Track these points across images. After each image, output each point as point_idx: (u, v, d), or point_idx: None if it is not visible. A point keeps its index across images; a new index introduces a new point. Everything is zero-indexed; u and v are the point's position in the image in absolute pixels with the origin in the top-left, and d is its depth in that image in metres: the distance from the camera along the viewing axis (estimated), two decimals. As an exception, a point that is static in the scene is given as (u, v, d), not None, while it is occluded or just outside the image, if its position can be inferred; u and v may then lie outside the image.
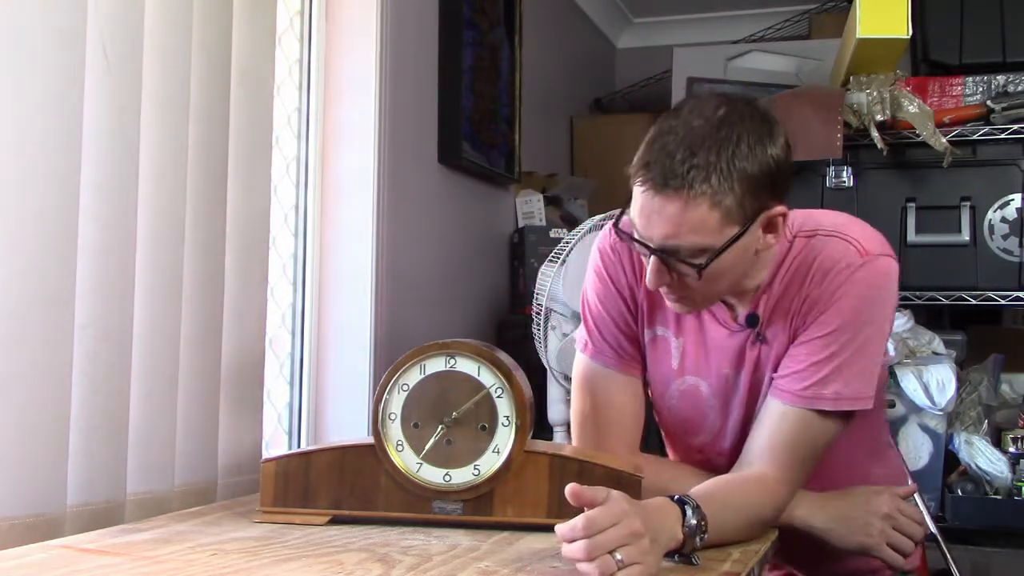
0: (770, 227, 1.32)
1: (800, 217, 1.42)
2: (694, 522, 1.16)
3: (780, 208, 1.31)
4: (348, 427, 2.20)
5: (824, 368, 1.34)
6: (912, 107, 2.44)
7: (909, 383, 2.45)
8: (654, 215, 1.27)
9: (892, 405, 2.38)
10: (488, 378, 1.33)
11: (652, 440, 1.66)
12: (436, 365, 1.35)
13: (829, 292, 1.34)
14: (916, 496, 1.60)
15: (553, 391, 2.34)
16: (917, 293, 2.54)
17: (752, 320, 1.41)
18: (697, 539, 1.16)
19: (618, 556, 1.04)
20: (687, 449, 1.56)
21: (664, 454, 1.64)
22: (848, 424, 1.39)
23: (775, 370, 1.40)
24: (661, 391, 1.52)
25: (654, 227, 1.27)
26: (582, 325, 1.55)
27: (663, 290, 1.35)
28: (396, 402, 1.34)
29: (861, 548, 1.43)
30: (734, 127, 1.26)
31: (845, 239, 1.37)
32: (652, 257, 1.29)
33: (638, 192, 1.28)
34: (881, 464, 1.59)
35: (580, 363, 1.53)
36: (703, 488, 1.28)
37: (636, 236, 1.31)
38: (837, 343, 1.33)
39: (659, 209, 1.26)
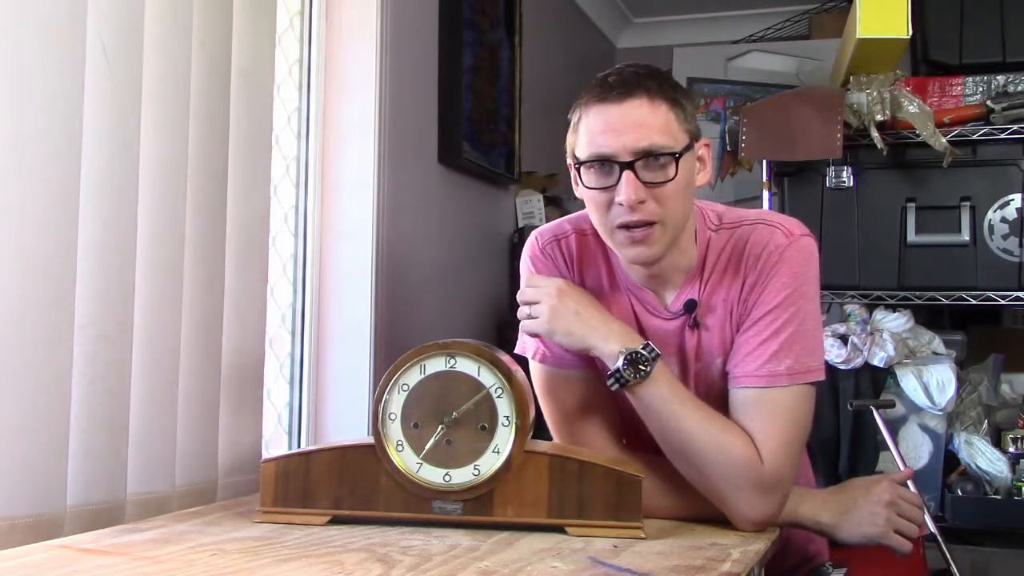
0: (701, 160, 1.46)
1: (720, 210, 1.52)
2: (620, 367, 1.34)
3: (705, 140, 1.46)
4: (348, 427, 2.20)
5: (773, 344, 1.39)
6: (912, 107, 2.44)
7: (909, 383, 2.45)
8: (622, 124, 1.37)
9: (892, 405, 2.38)
10: (488, 378, 1.33)
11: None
12: (436, 365, 1.35)
13: (765, 272, 1.43)
14: (910, 481, 1.64)
15: (553, 391, 2.34)
16: (917, 293, 2.54)
17: (690, 305, 1.47)
18: (632, 369, 1.34)
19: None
20: (639, 439, 1.55)
21: None
22: (812, 397, 1.43)
23: (723, 359, 1.45)
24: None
25: (624, 135, 1.36)
26: (525, 337, 1.54)
27: (624, 235, 1.40)
28: (396, 402, 1.34)
29: (868, 539, 1.46)
30: (663, 71, 1.45)
31: (769, 224, 1.46)
32: (626, 172, 1.36)
33: (598, 113, 1.39)
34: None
35: (539, 372, 1.54)
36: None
37: (602, 156, 1.38)
38: (780, 319, 1.40)
39: (625, 116, 1.37)
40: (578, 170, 1.42)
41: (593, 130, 1.39)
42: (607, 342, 1.37)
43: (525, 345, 1.56)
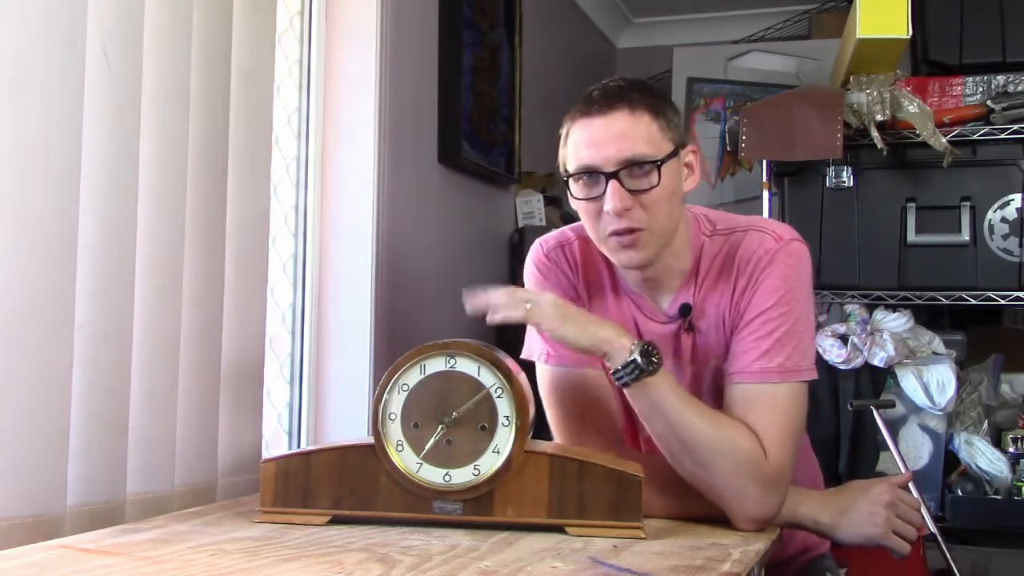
0: (688, 166, 1.49)
1: (714, 216, 1.54)
2: (638, 358, 1.32)
3: (692, 146, 1.50)
4: (348, 427, 2.20)
5: (766, 343, 1.42)
6: (912, 107, 2.44)
7: (909, 383, 2.45)
8: (605, 136, 1.41)
9: (892, 405, 2.38)
10: (488, 378, 1.33)
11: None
12: (436, 365, 1.35)
13: (755, 276, 1.45)
14: (910, 484, 1.65)
15: (553, 391, 2.34)
16: (917, 293, 2.54)
17: (685, 309, 1.49)
18: (646, 360, 1.33)
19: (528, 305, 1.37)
20: (634, 443, 1.57)
21: None
22: (805, 396, 1.44)
23: (717, 362, 1.48)
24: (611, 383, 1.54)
25: (607, 147, 1.40)
26: (533, 341, 1.56)
27: (615, 241, 1.43)
28: (396, 402, 1.34)
29: (867, 539, 1.47)
30: (647, 83, 1.49)
31: (760, 230, 1.48)
32: (611, 181, 1.40)
33: (583, 127, 1.43)
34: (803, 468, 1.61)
35: (546, 373, 1.55)
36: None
37: (588, 167, 1.42)
38: (773, 320, 1.42)
39: (608, 127, 1.41)
40: (567, 183, 1.46)
41: (579, 143, 1.43)
42: (619, 336, 1.36)
43: (532, 349, 1.57)
